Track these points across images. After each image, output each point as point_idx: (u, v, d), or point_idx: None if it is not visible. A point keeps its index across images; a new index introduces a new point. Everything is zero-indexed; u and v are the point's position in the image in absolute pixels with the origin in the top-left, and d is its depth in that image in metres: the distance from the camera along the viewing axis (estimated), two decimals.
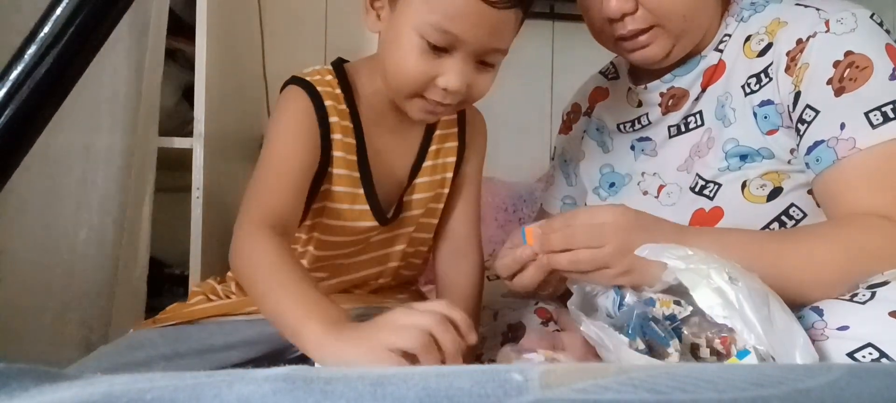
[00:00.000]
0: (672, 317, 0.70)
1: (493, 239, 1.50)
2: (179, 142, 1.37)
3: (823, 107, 0.78)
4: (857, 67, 0.77)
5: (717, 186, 0.86)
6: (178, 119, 1.48)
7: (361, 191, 0.84)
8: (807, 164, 0.80)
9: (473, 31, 0.74)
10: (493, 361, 0.83)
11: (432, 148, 0.91)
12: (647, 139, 0.98)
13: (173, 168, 1.40)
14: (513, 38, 0.80)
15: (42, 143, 0.50)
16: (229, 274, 0.94)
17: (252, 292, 0.75)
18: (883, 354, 0.60)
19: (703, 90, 0.91)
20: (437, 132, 0.91)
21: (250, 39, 1.67)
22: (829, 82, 0.78)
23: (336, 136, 0.82)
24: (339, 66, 0.86)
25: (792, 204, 0.83)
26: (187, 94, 1.44)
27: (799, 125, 0.81)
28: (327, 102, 0.82)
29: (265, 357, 0.83)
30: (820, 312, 0.67)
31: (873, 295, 0.65)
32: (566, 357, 0.73)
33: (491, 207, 1.57)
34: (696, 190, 0.88)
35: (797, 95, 0.81)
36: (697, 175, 0.89)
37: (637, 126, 0.99)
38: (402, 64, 0.77)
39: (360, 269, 0.91)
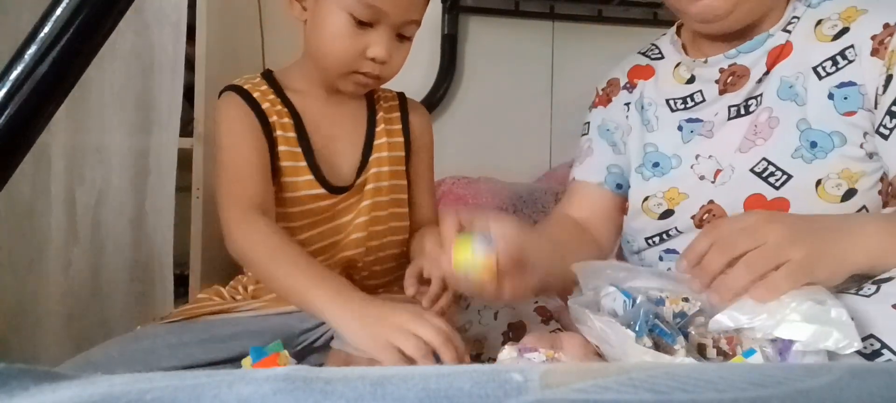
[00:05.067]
0: (682, 315, 0.70)
1: None
2: (180, 142, 1.37)
3: None
4: None
5: (786, 176, 0.84)
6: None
7: (304, 163, 0.92)
8: None
9: (393, 4, 0.85)
10: (493, 361, 0.83)
11: (379, 128, 0.99)
12: (699, 120, 0.95)
13: None
14: (424, 9, 0.91)
15: (59, 144, 0.50)
16: (235, 279, 1.01)
17: (257, 271, 0.86)
18: (884, 345, 0.61)
19: (768, 71, 0.90)
20: (381, 115, 1.00)
21: (250, 39, 1.67)
22: None
23: (274, 120, 0.91)
24: (268, 73, 0.98)
25: (863, 206, 0.82)
26: (187, 94, 1.44)
27: (893, 108, 0.80)
28: (256, 94, 0.92)
29: None
30: None
31: (878, 289, 0.66)
32: (567, 356, 0.73)
33: (491, 207, 1.57)
34: (761, 173, 0.86)
35: (889, 78, 0.81)
36: (765, 159, 0.86)
37: (690, 103, 0.96)
38: (333, 43, 0.87)
39: (333, 246, 0.95)
